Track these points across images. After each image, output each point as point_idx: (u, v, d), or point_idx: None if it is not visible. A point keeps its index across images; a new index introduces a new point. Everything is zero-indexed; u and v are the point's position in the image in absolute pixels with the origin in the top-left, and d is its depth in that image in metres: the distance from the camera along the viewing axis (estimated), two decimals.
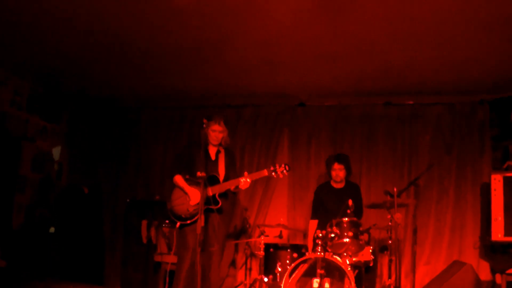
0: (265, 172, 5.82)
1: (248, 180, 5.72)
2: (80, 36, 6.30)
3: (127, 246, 7.84)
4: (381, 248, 7.27)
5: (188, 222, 5.72)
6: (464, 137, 7.84)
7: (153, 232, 7.34)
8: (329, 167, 7.01)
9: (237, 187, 5.81)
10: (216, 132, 5.92)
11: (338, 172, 6.87)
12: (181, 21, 5.79)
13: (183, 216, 5.78)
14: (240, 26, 5.86)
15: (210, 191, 5.65)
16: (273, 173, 5.79)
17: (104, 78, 7.86)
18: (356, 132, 8.20)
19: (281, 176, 5.82)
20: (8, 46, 6.73)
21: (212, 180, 5.76)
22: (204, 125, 5.78)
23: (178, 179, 5.93)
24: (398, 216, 6.03)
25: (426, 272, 7.59)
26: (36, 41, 6.50)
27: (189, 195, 5.80)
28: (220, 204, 5.71)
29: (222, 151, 6.10)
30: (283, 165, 5.80)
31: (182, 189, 5.88)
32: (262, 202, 8.29)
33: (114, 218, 8.59)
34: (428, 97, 7.93)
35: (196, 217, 5.56)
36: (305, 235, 7.65)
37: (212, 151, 6.04)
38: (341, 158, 6.94)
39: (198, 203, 5.49)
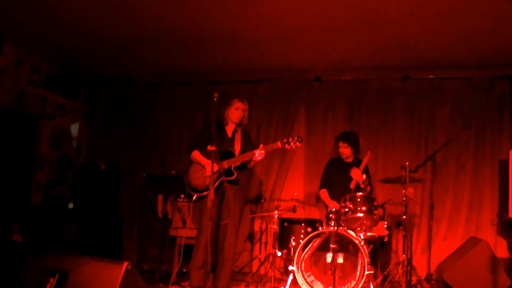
0: (278, 144, 5.98)
1: (262, 151, 5.90)
2: (96, 14, 6.28)
3: (143, 221, 7.90)
4: (397, 224, 7.24)
5: (204, 194, 5.85)
6: (483, 112, 7.74)
7: (169, 207, 7.38)
8: (336, 145, 7.20)
9: (251, 160, 6.00)
10: (239, 110, 6.17)
11: (343, 149, 7.04)
12: None
13: (199, 189, 5.98)
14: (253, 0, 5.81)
15: (226, 164, 5.91)
16: (286, 145, 5.95)
17: (121, 54, 7.85)
18: (373, 106, 8.13)
19: (293, 147, 5.98)
20: (25, 24, 6.74)
21: (228, 154, 5.99)
22: (230, 104, 6.17)
23: (196, 154, 6.15)
24: (410, 191, 6.00)
25: (443, 248, 7.54)
26: (52, 19, 6.49)
27: (205, 166, 5.96)
28: (235, 175, 5.91)
29: (239, 130, 6.31)
30: (296, 137, 5.94)
31: (199, 163, 6.08)
32: (278, 176, 8.30)
33: (131, 194, 8.66)
34: (446, 71, 7.82)
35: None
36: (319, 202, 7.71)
37: (229, 129, 6.27)
38: (345, 137, 7.09)
39: (214, 173, 5.57)
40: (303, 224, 6.74)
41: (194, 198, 6.02)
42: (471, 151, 7.71)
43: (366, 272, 5.55)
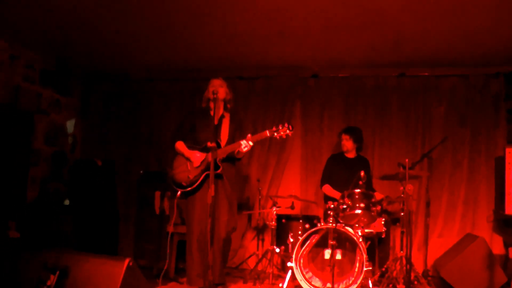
0: (266, 133, 5.56)
1: (250, 143, 5.53)
2: (92, 9, 6.24)
3: (140, 218, 7.87)
4: (394, 220, 7.27)
5: (188, 189, 5.63)
6: (479, 109, 7.79)
7: (166, 203, 7.37)
8: (339, 137, 7.31)
9: (239, 152, 5.69)
10: (215, 87, 5.81)
11: (345, 142, 7.15)
12: None
13: (183, 183, 5.69)
14: None
15: (210, 156, 5.24)
16: (275, 134, 5.52)
17: (117, 50, 7.81)
18: (369, 103, 8.16)
19: (284, 136, 5.54)
20: (19, 19, 6.69)
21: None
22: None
23: (179, 145, 5.86)
24: (410, 187, 6.01)
25: (439, 244, 7.59)
26: (47, 14, 6.45)
27: (190, 159, 5.70)
28: (220, 168, 5.54)
29: (227, 116, 5.99)
30: (286, 125, 5.51)
31: (182, 155, 5.79)
32: (275, 173, 8.32)
33: (127, 190, 8.64)
34: (442, 68, 7.86)
35: (196, 184, 5.52)
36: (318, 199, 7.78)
37: (216, 116, 5.73)
38: (349, 130, 7.23)
39: (198, 167, 5.44)
40: (301, 221, 6.76)
41: (178, 194, 5.74)
42: (467, 148, 7.75)
43: (364, 269, 5.57)
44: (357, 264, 5.70)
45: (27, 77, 7.77)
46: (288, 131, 5.51)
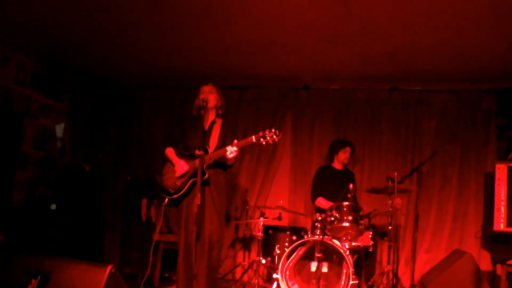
0: (252, 139, 5.35)
1: (234, 148, 5.32)
2: (84, 13, 6.22)
3: (126, 225, 7.83)
4: (382, 234, 7.25)
5: (175, 196, 5.49)
6: (470, 125, 7.79)
7: (152, 211, 7.31)
8: (336, 150, 7.21)
9: (224, 157, 5.43)
10: (205, 94, 5.64)
11: (348, 155, 7.17)
12: None
13: (170, 190, 5.53)
14: (243, 6, 5.77)
15: (198, 162, 5.11)
16: (261, 139, 5.33)
17: (108, 56, 7.80)
18: (360, 116, 8.15)
19: (270, 142, 5.33)
20: (11, 21, 6.67)
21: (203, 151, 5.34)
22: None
23: (169, 152, 5.70)
24: (398, 201, 6.00)
25: (426, 260, 7.58)
26: (40, 17, 6.43)
27: (175, 167, 5.55)
28: (206, 175, 5.37)
29: (218, 122, 5.83)
30: (273, 130, 5.33)
31: (171, 162, 5.65)
32: (263, 183, 8.29)
33: (115, 197, 8.59)
34: (434, 83, 7.87)
35: (182, 191, 5.46)
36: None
37: (207, 122, 5.69)
38: (350, 143, 7.23)
39: (182, 175, 5.38)
40: (288, 232, 6.71)
41: (165, 201, 5.56)
42: (457, 163, 7.74)
43: (351, 282, 5.53)
44: (344, 278, 5.66)
45: (17, 80, 7.73)
46: (275, 137, 5.33)
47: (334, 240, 5.80)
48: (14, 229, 7.01)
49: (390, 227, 6.22)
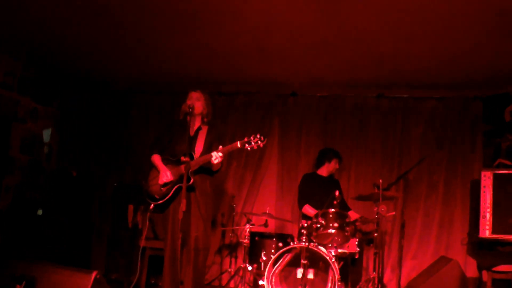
0: (237, 145, 5.32)
1: (219, 154, 5.29)
2: (73, 16, 6.19)
3: (113, 231, 7.80)
4: (368, 241, 7.26)
5: (160, 202, 5.48)
6: (456, 132, 7.83)
7: (139, 217, 7.30)
8: (330, 158, 7.22)
9: (210, 163, 5.40)
10: (192, 101, 5.64)
11: (337, 166, 7.25)
12: (173, 4, 5.71)
13: (156, 196, 5.53)
14: (232, 12, 5.77)
15: (183, 169, 5.15)
16: (246, 145, 5.30)
17: (97, 61, 7.79)
18: (347, 123, 8.18)
19: (255, 147, 5.32)
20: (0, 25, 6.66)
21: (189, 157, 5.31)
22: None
23: (155, 158, 5.70)
24: (383, 208, 6.02)
25: (412, 266, 7.60)
26: (28, 19, 6.40)
27: (160, 173, 5.54)
28: (191, 181, 5.31)
29: (204, 128, 5.82)
30: (258, 136, 5.31)
31: (156, 168, 5.65)
32: (250, 190, 8.29)
33: (102, 202, 8.53)
34: (421, 91, 7.90)
35: (167, 197, 5.45)
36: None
37: (193, 128, 5.70)
38: (338, 154, 7.26)
39: (166, 184, 5.38)
40: (274, 239, 6.70)
41: (151, 207, 5.56)
42: (443, 170, 7.78)
43: None
44: (329, 284, 5.65)
45: (5, 84, 7.69)
46: (259, 142, 5.32)
47: (320, 247, 5.80)
48: (1, 234, 6.97)
49: (375, 234, 6.23)
